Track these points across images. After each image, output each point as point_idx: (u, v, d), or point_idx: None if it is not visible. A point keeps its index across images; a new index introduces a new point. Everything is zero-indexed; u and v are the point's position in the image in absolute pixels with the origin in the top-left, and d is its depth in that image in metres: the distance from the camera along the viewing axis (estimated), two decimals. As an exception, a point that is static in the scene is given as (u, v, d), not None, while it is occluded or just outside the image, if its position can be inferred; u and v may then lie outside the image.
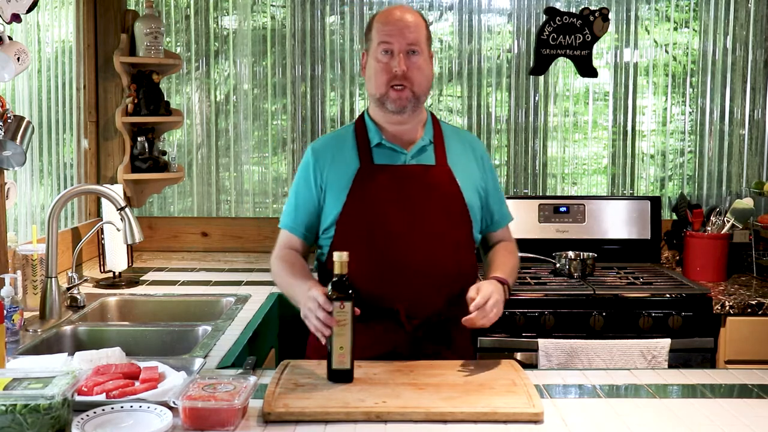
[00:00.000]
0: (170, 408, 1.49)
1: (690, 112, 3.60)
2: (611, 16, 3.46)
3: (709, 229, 3.16)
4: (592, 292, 2.82)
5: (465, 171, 2.01)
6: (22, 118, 2.36)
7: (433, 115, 2.08)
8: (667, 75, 3.59)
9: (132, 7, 3.41)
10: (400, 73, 1.89)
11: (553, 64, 3.49)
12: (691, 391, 1.71)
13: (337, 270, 1.69)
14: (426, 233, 1.92)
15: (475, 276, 2.02)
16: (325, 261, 2.01)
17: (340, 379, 1.69)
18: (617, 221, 3.38)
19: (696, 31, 3.57)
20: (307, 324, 1.74)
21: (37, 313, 2.35)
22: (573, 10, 3.47)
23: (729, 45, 3.54)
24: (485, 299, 1.76)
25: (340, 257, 1.68)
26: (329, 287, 1.69)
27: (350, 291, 1.68)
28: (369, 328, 1.89)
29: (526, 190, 3.61)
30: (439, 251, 1.92)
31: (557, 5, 3.50)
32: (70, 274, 2.54)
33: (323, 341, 1.70)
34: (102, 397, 1.56)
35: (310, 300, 1.71)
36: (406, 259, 1.90)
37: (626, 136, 3.60)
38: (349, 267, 1.72)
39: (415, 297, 1.91)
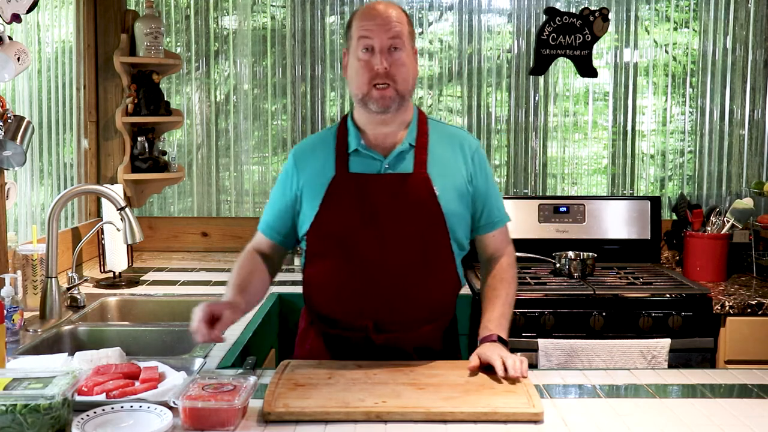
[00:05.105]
0: (170, 408, 1.49)
1: (690, 112, 3.60)
2: (611, 16, 3.46)
3: (709, 229, 3.16)
4: (592, 292, 2.82)
5: (447, 175, 1.88)
6: (22, 118, 2.36)
7: (421, 114, 1.95)
8: (667, 75, 3.59)
9: (132, 7, 3.41)
10: (382, 71, 1.78)
11: (553, 64, 3.49)
12: (691, 391, 1.71)
13: None
14: (396, 246, 1.84)
15: (455, 287, 1.95)
16: (304, 269, 1.95)
17: None
18: (617, 221, 3.38)
19: (696, 31, 3.57)
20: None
21: (37, 313, 2.35)
22: (573, 10, 3.47)
23: (729, 45, 3.54)
24: (502, 363, 1.70)
25: None
26: None
27: None
28: (337, 340, 1.91)
29: (526, 190, 3.61)
30: (410, 265, 1.85)
31: (557, 5, 3.50)
32: (70, 274, 2.54)
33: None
34: (102, 397, 1.56)
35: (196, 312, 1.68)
36: (375, 274, 1.84)
37: (626, 136, 3.60)
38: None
39: (384, 311, 1.85)
